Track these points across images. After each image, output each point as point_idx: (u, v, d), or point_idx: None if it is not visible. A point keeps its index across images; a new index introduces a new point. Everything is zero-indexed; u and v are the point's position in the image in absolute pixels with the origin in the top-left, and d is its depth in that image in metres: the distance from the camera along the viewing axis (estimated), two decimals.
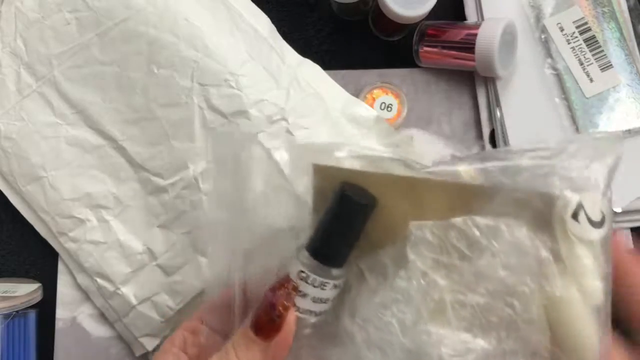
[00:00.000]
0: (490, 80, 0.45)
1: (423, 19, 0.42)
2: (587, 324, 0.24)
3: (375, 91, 0.45)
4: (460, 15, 0.46)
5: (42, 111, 0.43)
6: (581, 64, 0.44)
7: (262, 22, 0.43)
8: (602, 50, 0.44)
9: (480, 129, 0.47)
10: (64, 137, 0.42)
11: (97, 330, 0.43)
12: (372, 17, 0.46)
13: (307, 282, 0.25)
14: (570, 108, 0.44)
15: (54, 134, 0.42)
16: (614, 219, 0.45)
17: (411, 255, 0.25)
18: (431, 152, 0.47)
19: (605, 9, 0.44)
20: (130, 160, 0.42)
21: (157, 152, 0.41)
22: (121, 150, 0.42)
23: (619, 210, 0.43)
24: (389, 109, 0.45)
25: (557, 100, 0.44)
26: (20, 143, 0.43)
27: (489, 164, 0.25)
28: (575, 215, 0.24)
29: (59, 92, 0.42)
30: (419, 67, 0.47)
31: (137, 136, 0.42)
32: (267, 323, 0.25)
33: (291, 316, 0.25)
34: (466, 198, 0.25)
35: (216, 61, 0.40)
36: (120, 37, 0.41)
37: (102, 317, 0.43)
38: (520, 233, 0.24)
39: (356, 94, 0.45)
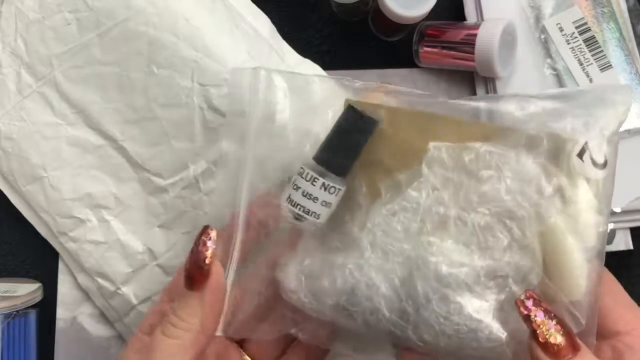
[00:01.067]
0: (490, 81, 0.45)
1: (423, 19, 0.42)
2: (578, 256, 0.26)
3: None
4: (460, 16, 0.46)
5: (42, 111, 0.43)
6: (581, 64, 0.44)
7: (262, 22, 0.43)
8: (602, 51, 0.44)
9: None
10: (65, 137, 0.42)
11: (98, 330, 0.44)
12: (372, 17, 0.46)
13: (301, 177, 0.27)
14: None
15: (54, 134, 0.43)
16: (615, 217, 0.45)
17: (425, 170, 0.27)
18: None
19: (605, 9, 0.44)
20: (131, 161, 0.42)
21: (158, 152, 0.41)
22: (121, 150, 0.42)
23: (618, 210, 0.43)
24: None
25: None
26: (20, 143, 0.43)
27: (507, 105, 0.28)
28: (580, 154, 0.26)
29: (59, 92, 0.43)
30: (419, 67, 0.47)
31: (137, 136, 0.42)
32: (195, 273, 0.26)
33: (217, 267, 0.26)
34: (483, 134, 0.27)
35: (216, 61, 0.40)
36: (121, 37, 0.41)
37: (103, 316, 0.43)
38: (528, 163, 0.26)
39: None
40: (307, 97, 0.32)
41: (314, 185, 0.27)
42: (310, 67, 0.44)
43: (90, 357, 0.43)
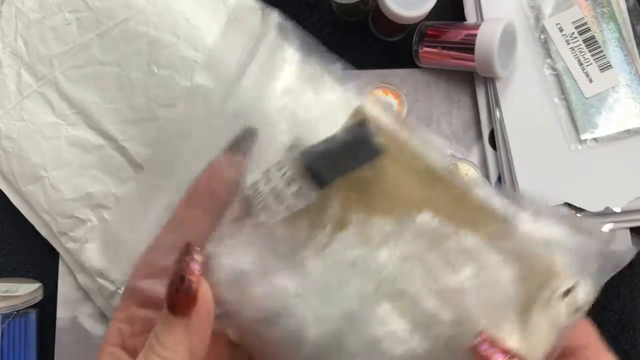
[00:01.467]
0: (490, 81, 0.46)
1: (423, 19, 0.42)
2: None
3: (375, 91, 0.45)
4: (460, 16, 0.46)
5: (42, 111, 0.43)
6: (580, 64, 0.44)
7: None
8: (602, 51, 0.44)
9: (480, 129, 0.47)
10: (65, 137, 0.43)
11: (98, 329, 0.43)
12: (372, 17, 0.46)
13: (278, 171, 0.25)
14: (569, 108, 0.44)
15: (54, 134, 0.43)
16: (615, 217, 0.45)
17: (407, 236, 0.25)
18: None
19: (605, 10, 0.44)
20: (131, 160, 0.42)
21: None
22: (122, 150, 0.42)
23: (618, 210, 0.43)
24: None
25: (556, 100, 0.44)
26: (20, 143, 0.43)
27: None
28: (563, 295, 0.25)
29: (59, 92, 0.43)
30: (419, 67, 0.47)
31: (137, 136, 0.42)
32: (180, 298, 0.22)
33: (204, 286, 0.23)
34: (483, 222, 0.25)
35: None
36: (121, 37, 0.41)
37: (103, 316, 0.43)
38: (509, 285, 0.24)
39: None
40: (317, 88, 0.29)
41: (288, 187, 0.25)
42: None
43: (90, 357, 0.43)
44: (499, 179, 0.46)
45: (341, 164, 0.25)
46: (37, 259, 0.45)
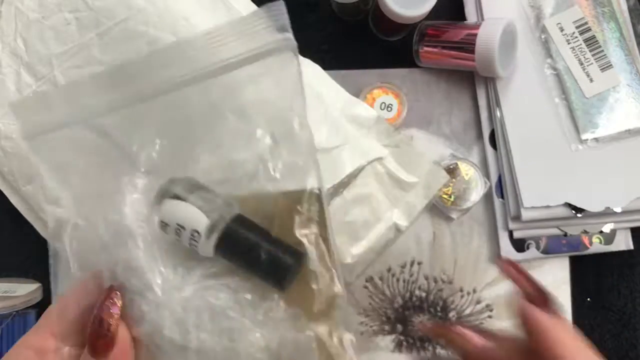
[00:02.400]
0: (490, 81, 0.45)
1: (423, 19, 0.42)
2: None
3: (375, 91, 0.45)
4: (460, 15, 0.46)
5: None
6: (581, 64, 0.44)
7: None
8: (602, 50, 0.44)
9: (480, 129, 0.47)
10: None
11: None
12: (372, 17, 0.46)
13: (184, 200, 0.28)
14: (570, 108, 0.44)
15: None
16: (615, 217, 0.45)
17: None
18: (431, 152, 0.47)
19: (605, 9, 0.44)
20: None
21: None
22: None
23: (619, 210, 0.43)
24: (389, 109, 0.45)
25: (557, 100, 0.44)
26: (20, 143, 0.42)
27: None
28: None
29: None
30: (419, 67, 0.47)
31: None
32: (100, 341, 0.24)
33: (122, 330, 0.25)
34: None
35: None
36: (120, 37, 0.41)
37: None
38: None
39: (356, 94, 0.45)
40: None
41: (192, 244, 0.28)
42: (310, 67, 0.44)
43: None
44: (499, 178, 0.46)
45: (245, 251, 0.29)
46: (36, 259, 0.45)
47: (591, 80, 0.44)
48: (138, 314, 0.28)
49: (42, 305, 0.43)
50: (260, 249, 0.29)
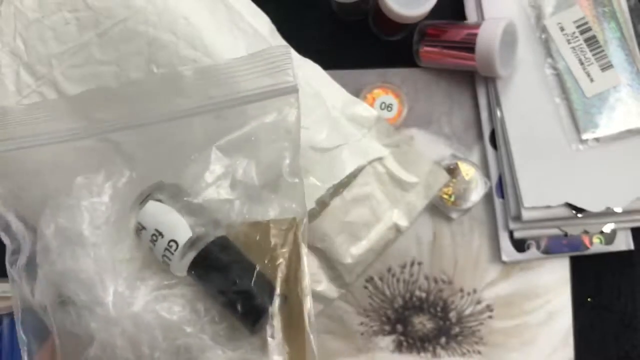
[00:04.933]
0: (490, 80, 0.45)
1: (423, 19, 0.42)
2: None
3: (375, 91, 0.45)
4: (461, 15, 0.46)
5: None
6: (581, 63, 0.44)
7: (262, 22, 0.43)
8: (603, 50, 0.43)
9: (481, 129, 0.47)
10: None
11: None
12: (372, 16, 0.46)
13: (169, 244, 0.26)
14: (570, 108, 0.44)
15: None
16: (616, 217, 0.45)
17: None
18: (431, 152, 0.47)
19: (606, 9, 0.44)
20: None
21: None
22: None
23: (619, 210, 0.43)
24: (389, 108, 0.45)
25: (557, 100, 0.44)
26: None
27: None
28: None
29: (58, 91, 0.42)
30: (419, 67, 0.47)
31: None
32: None
33: None
34: None
35: (215, 61, 0.40)
36: (120, 36, 0.41)
37: None
38: None
39: (356, 94, 0.45)
40: None
41: (166, 256, 0.26)
42: (310, 67, 0.43)
43: None
44: (500, 178, 0.46)
45: (216, 274, 0.27)
46: None
47: (592, 80, 0.44)
48: (87, 334, 0.26)
49: None
50: (237, 281, 0.26)
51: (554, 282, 0.47)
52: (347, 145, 0.42)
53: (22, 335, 0.30)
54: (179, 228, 0.26)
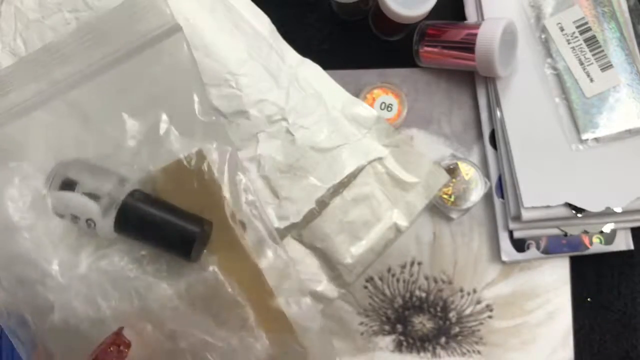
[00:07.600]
0: (490, 80, 0.45)
1: (423, 19, 0.42)
2: None
3: (375, 91, 0.45)
4: (461, 15, 0.46)
5: None
6: (581, 63, 0.44)
7: (262, 22, 0.43)
8: (603, 50, 0.44)
9: (481, 129, 0.47)
10: None
11: None
12: (372, 17, 0.46)
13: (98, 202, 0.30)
14: (570, 108, 0.44)
15: None
16: (616, 217, 0.45)
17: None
18: (431, 152, 0.47)
19: (606, 9, 0.44)
20: None
21: None
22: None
23: (619, 210, 0.43)
24: (389, 108, 0.45)
25: (557, 100, 0.44)
26: None
27: None
28: None
29: None
30: (419, 67, 0.47)
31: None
32: None
33: None
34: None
35: (216, 61, 0.40)
36: None
37: None
38: None
39: (356, 94, 0.45)
40: None
41: (91, 229, 0.30)
42: (310, 67, 0.44)
43: None
44: (500, 178, 0.46)
45: (146, 227, 0.30)
46: None
47: (591, 80, 0.44)
48: (46, 305, 0.29)
49: None
50: (162, 221, 0.30)
51: (553, 282, 0.47)
52: (347, 145, 0.42)
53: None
54: (88, 207, 0.29)
